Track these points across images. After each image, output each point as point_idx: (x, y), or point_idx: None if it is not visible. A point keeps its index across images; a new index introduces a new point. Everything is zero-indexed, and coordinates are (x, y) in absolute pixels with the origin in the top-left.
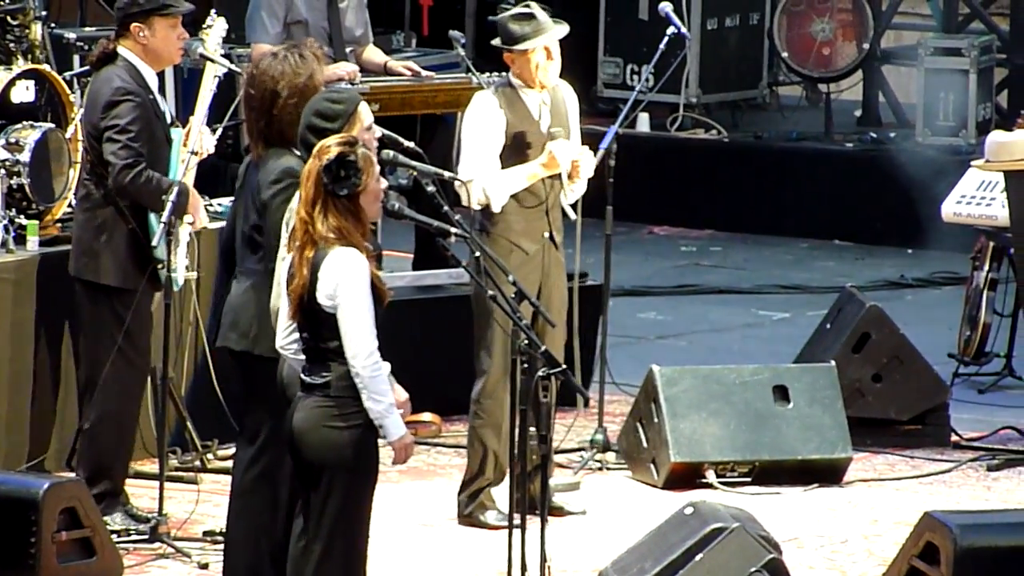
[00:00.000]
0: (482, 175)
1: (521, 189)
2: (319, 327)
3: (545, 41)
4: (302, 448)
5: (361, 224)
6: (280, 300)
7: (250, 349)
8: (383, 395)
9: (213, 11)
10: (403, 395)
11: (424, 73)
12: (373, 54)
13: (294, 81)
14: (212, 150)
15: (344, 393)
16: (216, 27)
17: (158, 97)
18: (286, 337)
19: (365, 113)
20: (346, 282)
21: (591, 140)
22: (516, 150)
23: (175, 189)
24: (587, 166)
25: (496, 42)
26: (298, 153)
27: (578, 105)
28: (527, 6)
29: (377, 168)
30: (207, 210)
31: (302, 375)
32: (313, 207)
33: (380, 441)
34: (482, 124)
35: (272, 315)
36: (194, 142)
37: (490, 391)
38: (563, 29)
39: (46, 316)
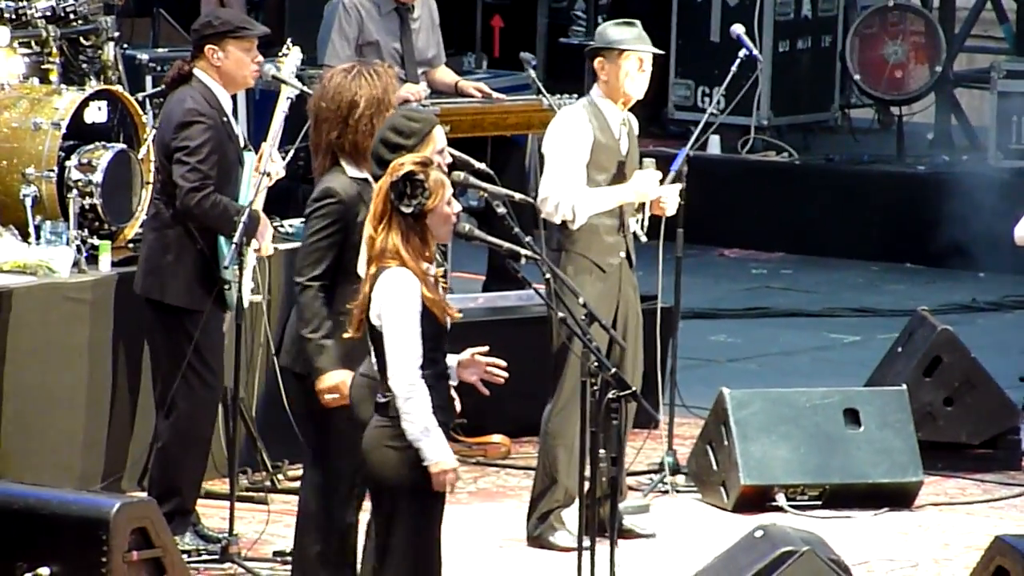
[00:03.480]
0: (572, 191)
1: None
2: (380, 346)
3: (642, 50)
4: (367, 469)
5: (425, 245)
6: None
7: (290, 366)
8: (418, 418)
9: (289, 40)
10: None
11: (495, 95)
12: (444, 74)
13: (372, 93)
14: (282, 173)
15: None
16: (291, 56)
17: (231, 119)
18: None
19: (439, 136)
20: (391, 303)
21: (662, 162)
22: (596, 167)
23: (246, 211)
24: (672, 204)
25: (593, 45)
26: (351, 174)
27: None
28: (629, 20)
29: (449, 191)
30: (277, 231)
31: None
32: (379, 222)
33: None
34: (570, 138)
35: None
36: (265, 163)
37: (561, 412)
38: (658, 51)
39: (123, 336)
